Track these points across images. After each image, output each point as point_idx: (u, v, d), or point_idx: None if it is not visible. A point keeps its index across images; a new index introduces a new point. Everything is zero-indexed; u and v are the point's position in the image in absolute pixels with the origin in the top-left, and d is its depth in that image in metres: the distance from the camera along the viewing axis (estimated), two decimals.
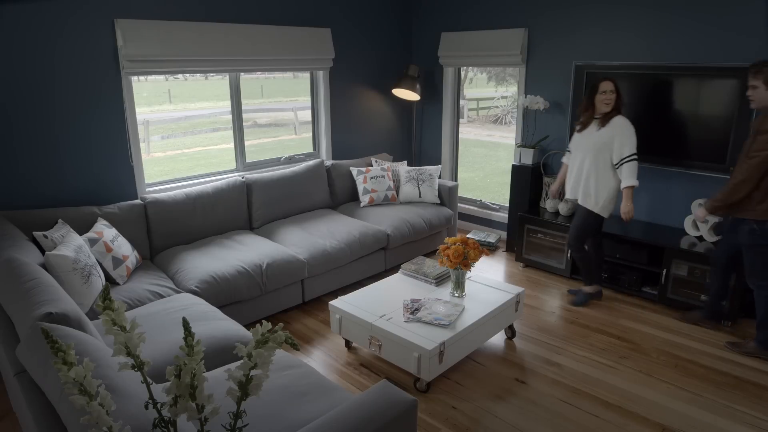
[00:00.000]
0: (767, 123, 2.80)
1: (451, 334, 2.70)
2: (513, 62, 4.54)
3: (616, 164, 3.36)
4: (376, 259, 4.08)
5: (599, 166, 3.41)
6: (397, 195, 4.57)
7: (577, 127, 3.53)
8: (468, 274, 3.31)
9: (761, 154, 2.80)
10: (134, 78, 3.52)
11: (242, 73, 4.15)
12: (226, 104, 4.22)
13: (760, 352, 3.05)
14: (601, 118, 3.38)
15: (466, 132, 10.15)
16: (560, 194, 3.98)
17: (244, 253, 3.40)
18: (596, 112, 3.40)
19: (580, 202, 3.54)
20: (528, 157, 4.45)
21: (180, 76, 6.27)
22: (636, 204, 4.08)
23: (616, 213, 4.21)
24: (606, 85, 3.33)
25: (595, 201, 3.45)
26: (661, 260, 3.62)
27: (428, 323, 2.79)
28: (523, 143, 4.55)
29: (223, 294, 3.11)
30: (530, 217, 4.30)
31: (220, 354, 2.32)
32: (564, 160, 3.79)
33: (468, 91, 10.34)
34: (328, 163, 4.59)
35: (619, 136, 3.31)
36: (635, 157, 3.31)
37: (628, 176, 3.32)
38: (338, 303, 3.04)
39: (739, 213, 2.97)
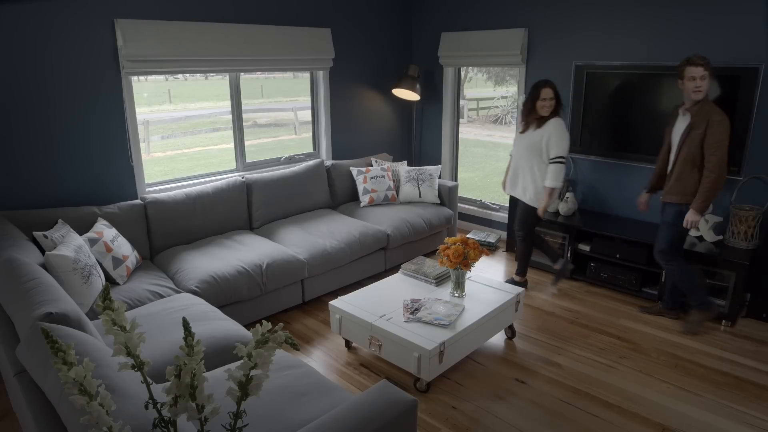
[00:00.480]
0: (715, 113, 2.98)
1: (451, 334, 2.70)
2: (513, 62, 4.54)
3: (548, 163, 3.58)
4: (376, 259, 4.08)
5: (533, 164, 3.62)
6: (397, 195, 4.57)
7: (520, 129, 3.73)
8: (468, 274, 3.32)
9: (725, 143, 2.97)
10: (134, 78, 3.52)
11: (242, 73, 4.15)
12: (226, 104, 4.22)
13: (705, 315, 3.29)
14: (538, 119, 3.58)
15: (466, 132, 10.15)
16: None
17: (244, 253, 3.40)
18: (537, 115, 3.57)
19: (518, 196, 3.77)
20: None
21: (180, 76, 6.27)
22: (636, 204, 4.09)
23: (616, 213, 4.22)
24: (547, 93, 3.50)
25: (533, 195, 3.67)
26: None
27: (428, 323, 2.79)
28: None
29: (223, 294, 3.11)
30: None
31: (220, 354, 2.32)
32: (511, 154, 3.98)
33: (468, 91, 10.35)
34: (328, 163, 4.59)
35: (551, 137, 3.50)
36: (562, 160, 3.50)
37: (550, 177, 3.53)
38: (338, 303, 3.04)
39: (684, 197, 3.16)
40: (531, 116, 3.61)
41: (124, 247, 3.11)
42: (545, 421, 2.53)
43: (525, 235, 3.82)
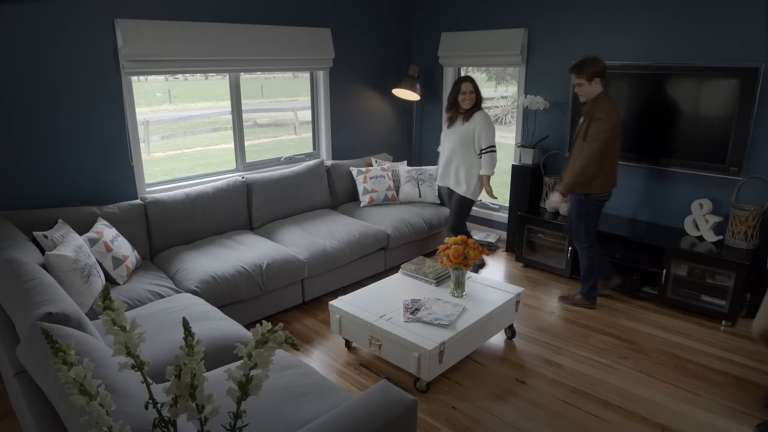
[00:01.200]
0: (598, 110, 3.24)
1: (451, 334, 2.70)
2: (513, 62, 4.54)
3: (479, 154, 3.81)
4: (376, 259, 4.08)
5: (465, 156, 3.84)
6: (397, 195, 4.57)
7: (446, 124, 3.95)
8: (468, 274, 3.31)
9: (600, 138, 3.23)
10: (134, 78, 3.52)
11: (242, 73, 4.15)
12: (226, 104, 4.22)
13: (583, 302, 3.65)
14: (464, 113, 3.80)
15: None
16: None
17: (244, 253, 3.40)
18: (460, 109, 3.82)
19: (452, 187, 3.98)
20: (528, 157, 4.45)
21: (180, 76, 6.27)
22: (636, 204, 4.09)
23: (616, 213, 4.22)
24: (466, 87, 3.74)
25: (466, 187, 3.88)
26: (661, 260, 3.62)
27: (428, 323, 2.79)
28: (523, 143, 4.55)
29: (223, 294, 3.11)
30: (530, 217, 4.30)
31: (220, 354, 2.32)
32: (439, 149, 4.14)
33: None
34: (328, 163, 4.59)
35: (481, 129, 3.74)
36: (493, 149, 3.77)
37: (485, 166, 3.80)
38: (338, 303, 3.04)
39: (580, 189, 3.40)
40: (453, 110, 3.85)
41: (124, 247, 3.11)
42: (545, 421, 2.53)
43: (456, 225, 4.04)
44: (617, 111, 3.27)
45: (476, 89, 3.77)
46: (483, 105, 3.79)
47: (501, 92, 9.48)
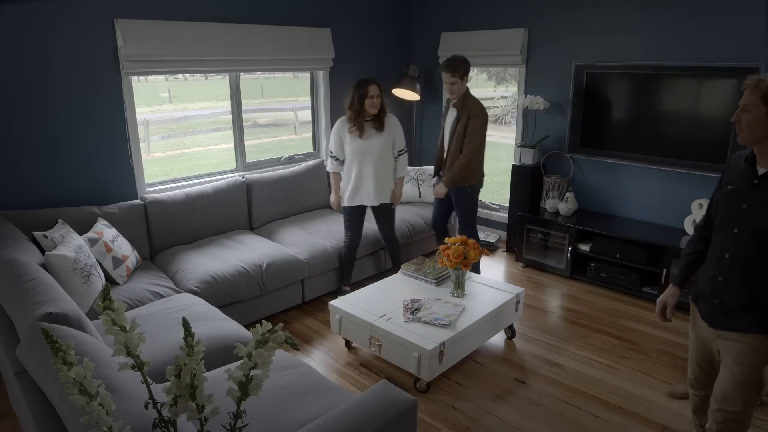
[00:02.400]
0: (472, 107, 3.48)
1: (451, 334, 2.70)
2: (513, 62, 4.54)
3: (396, 157, 3.69)
4: (376, 259, 4.08)
5: (387, 164, 3.64)
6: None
7: (356, 133, 3.52)
8: (468, 274, 3.31)
9: (481, 132, 3.49)
10: (134, 78, 3.52)
11: (242, 73, 4.15)
12: (226, 104, 4.22)
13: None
14: (373, 120, 3.53)
15: None
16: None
17: (244, 253, 3.40)
18: (366, 115, 3.51)
19: (377, 201, 3.62)
20: (528, 157, 4.45)
21: (180, 76, 6.27)
22: (636, 204, 4.09)
23: (616, 213, 4.21)
24: (374, 90, 3.49)
25: (390, 194, 3.71)
26: (661, 260, 3.62)
27: (428, 323, 2.79)
28: (523, 143, 4.55)
29: (223, 294, 3.11)
30: (530, 217, 4.30)
31: (220, 354, 2.32)
32: (332, 169, 3.70)
33: None
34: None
35: (396, 133, 3.66)
36: (405, 150, 3.74)
37: (402, 168, 3.71)
38: (338, 303, 3.04)
39: (465, 182, 3.59)
40: (362, 117, 3.48)
41: (124, 247, 3.11)
42: (545, 421, 2.53)
43: (396, 235, 3.89)
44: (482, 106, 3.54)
45: (381, 92, 3.52)
46: (486, 106, 3.71)
47: (501, 92, 9.48)
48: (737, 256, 1.79)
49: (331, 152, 3.66)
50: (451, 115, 3.61)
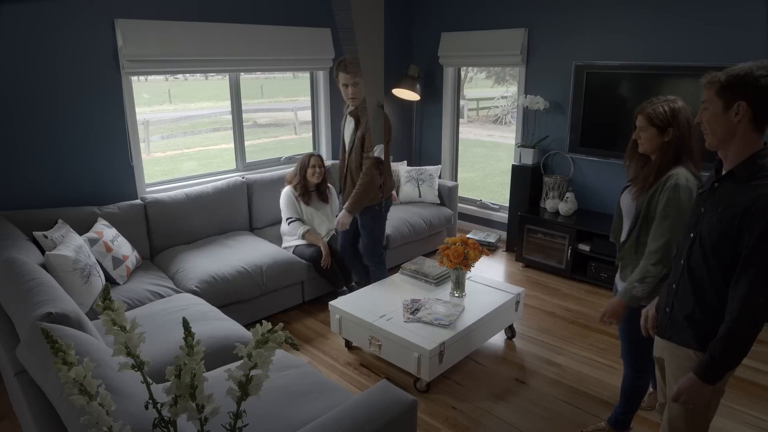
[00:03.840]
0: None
1: (451, 334, 2.70)
2: (513, 62, 4.54)
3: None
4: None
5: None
6: (397, 195, 4.57)
7: (300, 201, 3.64)
8: (468, 274, 3.31)
9: (385, 140, 3.06)
10: (134, 78, 3.52)
11: (242, 73, 4.15)
12: (226, 104, 4.22)
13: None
14: (316, 190, 3.68)
15: (466, 132, 10.14)
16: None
17: (244, 253, 3.40)
18: (309, 185, 3.65)
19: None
20: (528, 157, 4.45)
21: (180, 76, 6.27)
22: None
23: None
24: (316, 160, 3.56)
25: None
26: None
27: (428, 323, 2.79)
28: (523, 143, 4.55)
29: (223, 294, 3.12)
30: (530, 217, 4.30)
31: (220, 354, 2.32)
32: (303, 230, 3.59)
33: (468, 91, 10.34)
34: (329, 163, 4.58)
35: (337, 202, 3.62)
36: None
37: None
38: (338, 303, 3.04)
39: (372, 201, 3.16)
40: (305, 187, 3.62)
41: (124, 247, 3.11)
42: (545, 421, 2.53)
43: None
44: None
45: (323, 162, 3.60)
46: (486, 106, 3.67)
47: (501, 92, 9.48)
48: (689, 264, 1.64)
49: (290, 218, 3.64)
50: (349, 126, 3.20)
